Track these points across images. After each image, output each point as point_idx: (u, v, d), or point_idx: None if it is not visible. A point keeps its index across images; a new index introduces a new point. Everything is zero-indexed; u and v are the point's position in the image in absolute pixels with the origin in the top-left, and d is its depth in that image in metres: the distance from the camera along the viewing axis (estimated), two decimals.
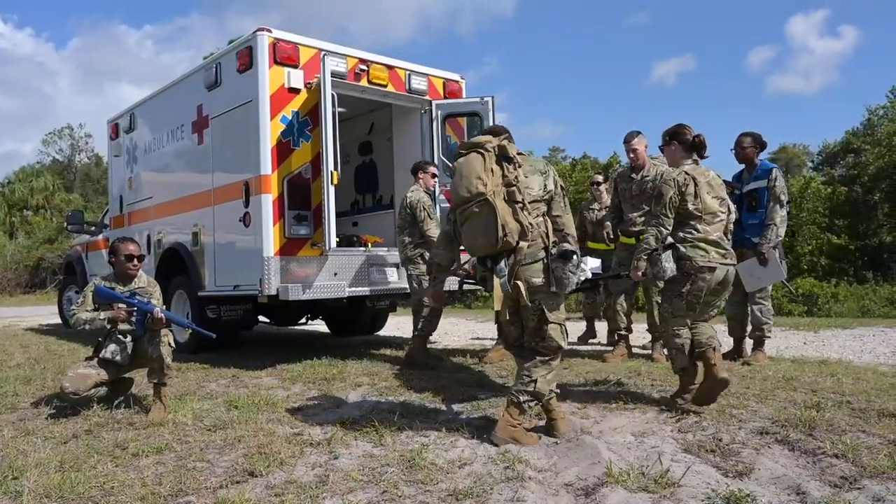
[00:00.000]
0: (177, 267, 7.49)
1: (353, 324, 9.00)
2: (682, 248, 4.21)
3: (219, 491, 3.19)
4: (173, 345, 4.72)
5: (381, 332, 9.48)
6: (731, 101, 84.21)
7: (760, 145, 6.06)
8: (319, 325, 9.97)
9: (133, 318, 4.63)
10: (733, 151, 6.18)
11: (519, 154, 3.77)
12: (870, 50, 78.38)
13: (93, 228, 10.80)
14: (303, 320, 8.63)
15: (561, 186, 3.95)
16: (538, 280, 3.68)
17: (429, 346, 6.57)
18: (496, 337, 8.49)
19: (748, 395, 4.57)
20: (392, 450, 3.70)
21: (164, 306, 4.95)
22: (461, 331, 10.13)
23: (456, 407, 4.57)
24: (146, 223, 8.27)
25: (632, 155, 6.19)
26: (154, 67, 76.68)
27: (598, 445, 3.59)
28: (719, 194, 4.31)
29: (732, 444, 3.56)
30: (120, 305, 4.61)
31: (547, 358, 3.80)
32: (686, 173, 4.25)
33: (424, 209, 6.15)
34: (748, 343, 6.26)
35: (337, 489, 3.18)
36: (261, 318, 8.31)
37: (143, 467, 3.56)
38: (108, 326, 4.67)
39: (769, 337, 6.13)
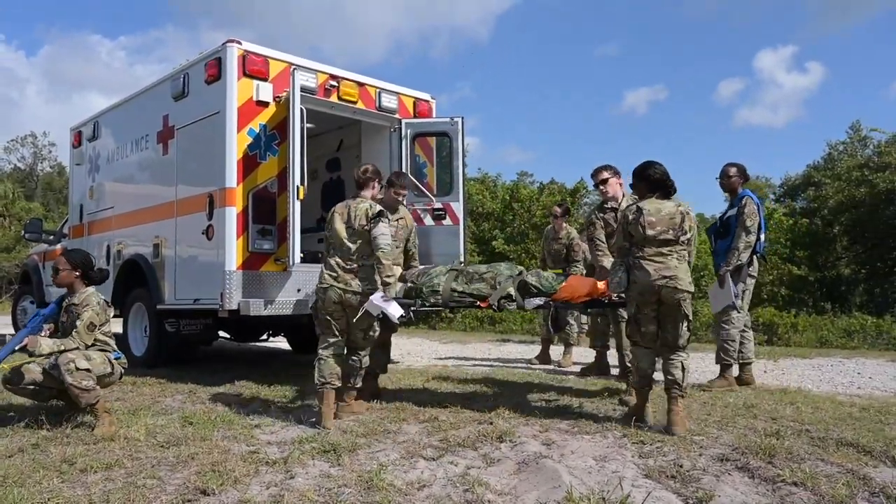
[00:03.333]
0: (136, 279, 7.31)
1: (315, 341, 8.84)
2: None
3: None
4: (85, 367, 4.42)
5: None
6: (700, 131, 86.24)
7: (744, 176, 6.27)
8: (281, 342, 9.81)
9: None
10: (719, 181, 6.31)
11: None
12: (834, 86, 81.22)
13: (51, 238, 10.51)
14: (264, 336, 8.46)
15: None
16: None
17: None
18: (461, 356, 8.47)
19: (709, 422, 4.58)
20: (350, 470, 3.62)
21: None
22: (425, 351, 10.04)
23: (415, 428, 4.50)
24: (106, 233, 8.07)
25: (602, 188, 5.87)
26: (125, 78, 75.80)
27: (559, 469, 3.55)
28: (670, 225, 4.49)
29: (693, 471, 3.55)
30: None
31: None
32: (637, 206, 4.59)
33: None
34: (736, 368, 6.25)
35: None
36: (221, 333, 8.13)
37: (90, 483, 3.42)
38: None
39: (729, 363, 6.13)
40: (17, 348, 4.57)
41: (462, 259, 7.03)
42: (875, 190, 17.56)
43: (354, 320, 4.75)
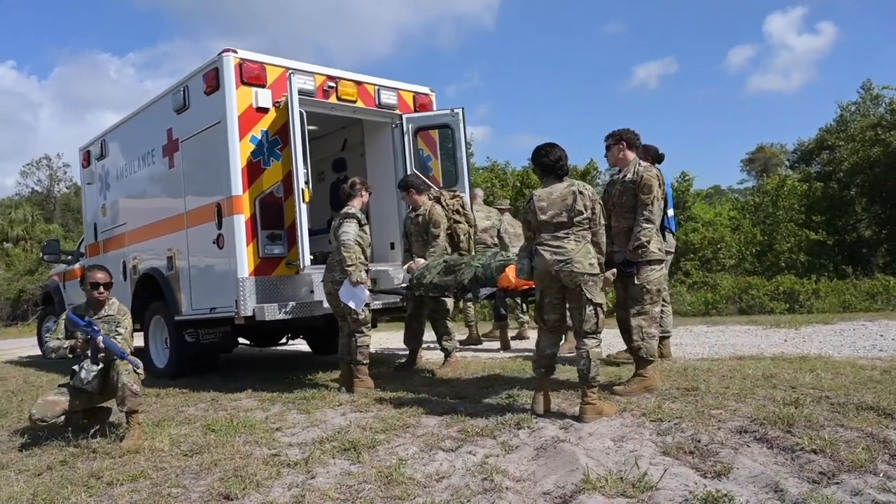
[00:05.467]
0: (153, 292, 7.40)
1: (334, 341, 8.91)
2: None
3: None
4: (141, 373, 4.62)
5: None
6: (712, 101, 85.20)
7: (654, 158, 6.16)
8: (301, 345, 9.89)
9: (89, 347, 4.57)
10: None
11: None
12: (847, 46, 79.76)
13: (69, 257, 10.68)
14: (283, 340, 8.54)
15: None
16: None
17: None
18: (478, 347, 8.49)
19: (728, 395, 4.56)
20: (370, 466, 3.66)
21: (131, 334, 4.86)
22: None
23: (434, 420, 4.53)
24: (121, 250, 8.18)
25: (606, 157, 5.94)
26: (136, 94, 76.67)
27: (577, 452, 3.57)
28: (562, 207, 4.41)
29: (711, 445, 3.55)
30: (78, 334, 4.56)
31: None
32: (532, 193, 4.62)
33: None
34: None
35: None
36: (241, 339, 8.22)
37: (117, 496, 3.50)
38: (70, 355, 4.62)
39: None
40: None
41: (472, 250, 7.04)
42: (890, 149, 17.31)
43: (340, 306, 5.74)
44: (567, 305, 4.50)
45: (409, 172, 7.11)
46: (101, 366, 4.62)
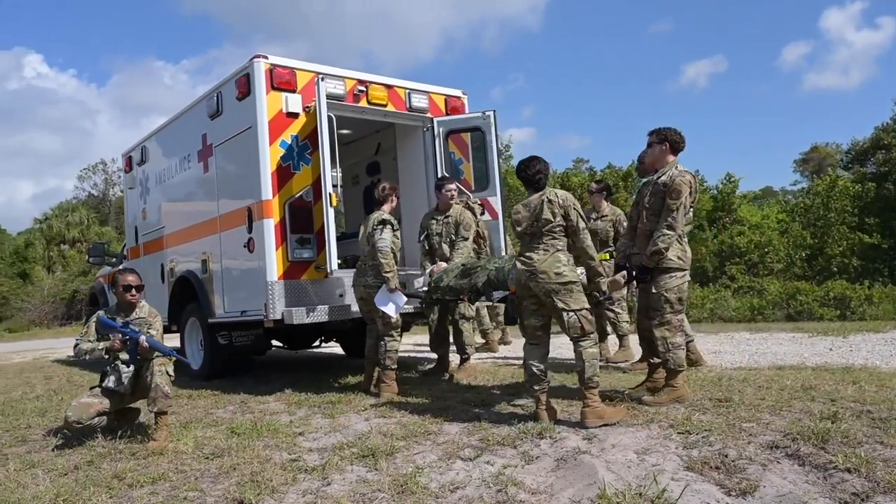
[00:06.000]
0: (189, 294, 7.53)
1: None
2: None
3: None
4: (172, 374, 4.71)
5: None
6: (765, 100, 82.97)
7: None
8: (335, 348, 9.94)
9: (127, 348, 4.64)
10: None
11: None
12: None
13: (114, 260, 10.97)
14: (316, 343, 8.59)
15: None
16: None
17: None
18: (509, 354, 8.39)
19: (762, 407, 4.37)
20: (385, 474, 3.62)
21: (162, 337, 4.94)
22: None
23: (456, 428, 4.47)
24: (160, 252, 8.36)
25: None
26: (188, 99, 78.61)
27: (596, 465, 3.46)
28: (533, 217, 4.45)
29: (739, 460, 3.40)
30: (115, 335, 4.63)
31: None
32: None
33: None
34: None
35: None
36: (275, 342, 8.29)
37: (135, 498, 3.53)
38: (106, 356, 4.70)
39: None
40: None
41: (504, 253, 6.96)
42: None
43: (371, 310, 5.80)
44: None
45: (440, 175, 7.06)
46: (131, 368, 4.70)
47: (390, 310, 5.66)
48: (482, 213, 6.94)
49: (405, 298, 5.81)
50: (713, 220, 17.40)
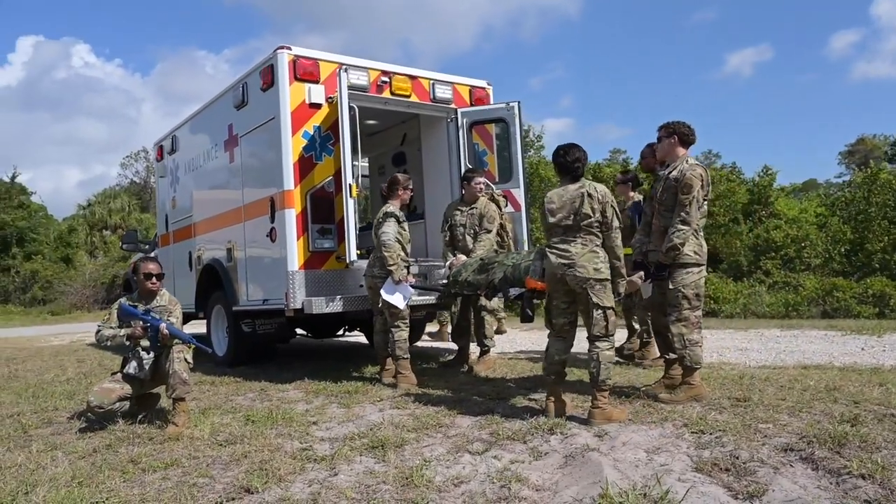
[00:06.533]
0: (215, 282, 7.65)
1: None
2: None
3: None
4: (190, 361, 4.79)
5: (419, 343, 9.41)
6: (812, 89, 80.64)
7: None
8: (360, 337, 10.00)
9: (148, 335, 4.73)
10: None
11: None
12: None
13: (146, 247, 11.19)
14: (340, 332, 8.66)
15: None
16: None
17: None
18: (531, 348, 8.34)
19: (781, 408, 4.27)
20: (393, 466, 3.63)
21: (182, 325, 5.03)
22: (502, 340, 9.94)
23: (469, 421, 4.46)
24: (188, 240, 8.50)
25: None
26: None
27: (603, 463, 3.42)
28: (571, 210, 4.33)
29: (750, 462, 3.32)
30: (136, 322, 4.72)
31: None
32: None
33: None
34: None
35: None
36: (299, 331, 8.38)
37: (147, 483, 3.60)
38: (127, 343, 4.80)
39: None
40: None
41: (526, 246, 6.92)
42: None
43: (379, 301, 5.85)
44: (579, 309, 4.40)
45: (464, 167, 7.04)
46: (152, 354, 4.79)
47: (397, 300, 5.70)
48: (506, 206, 6.90)
49: (412, 290, 5.85)
50: (749, 214, 16.99)
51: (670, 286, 4.62)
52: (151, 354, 4.83)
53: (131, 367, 4.85)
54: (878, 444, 3.42)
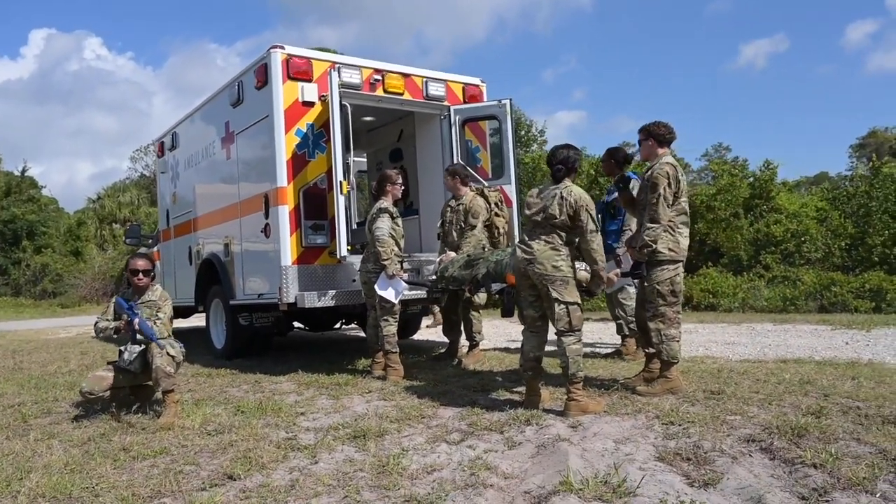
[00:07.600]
0: (213, 277, 7.83)
1: None
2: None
3: (195, 493, 3.36)
4: (174, 354, 4.93)
5: (415, 337, 9.58)
6: (827, 81, 79.84)
7: (620, 161, 6.25)
8: (357, 331, 10.16)
9: (130, 329, 4.91)
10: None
11: None
12: None
13: (149, 241, 11.39)
14: (337, 325, 8.82)
15: None
16: None
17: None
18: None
19: (753, 400, 4.39)
20: (371, 455, 3.78)
21: (167, 320, 5.15)
22: (497, 333, 10.09)
23: (451, 412, 4.60)
24: (188, 236, 8.68)
25: None
26: None
27: (570, 452, 3.56)
28: (542, 207, 4.48)
29: (711, 452, 3.45)
30: (124, 315, 4.91)
31: None
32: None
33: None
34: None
35: (302, 493, 3.30)
36: (297, 324, 8.55)
37: (136, 470, 3.77)
38: (114, 336, 4.99)
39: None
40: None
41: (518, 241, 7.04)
42: None
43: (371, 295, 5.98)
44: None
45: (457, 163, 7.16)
46: (141, 347, 4.97)
47: (390, 295, 5.84)
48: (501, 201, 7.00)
49: (405, 285, 5.99)
50: (750, 208, 17.00)
51: (646, 283, 4.75)
52: (137, 347, 5.00)
53: (122, 360, 5.03)
54: (837, 436, 3.54)
